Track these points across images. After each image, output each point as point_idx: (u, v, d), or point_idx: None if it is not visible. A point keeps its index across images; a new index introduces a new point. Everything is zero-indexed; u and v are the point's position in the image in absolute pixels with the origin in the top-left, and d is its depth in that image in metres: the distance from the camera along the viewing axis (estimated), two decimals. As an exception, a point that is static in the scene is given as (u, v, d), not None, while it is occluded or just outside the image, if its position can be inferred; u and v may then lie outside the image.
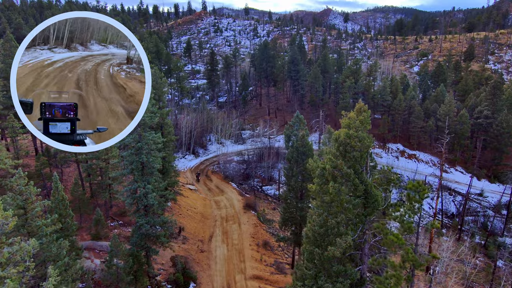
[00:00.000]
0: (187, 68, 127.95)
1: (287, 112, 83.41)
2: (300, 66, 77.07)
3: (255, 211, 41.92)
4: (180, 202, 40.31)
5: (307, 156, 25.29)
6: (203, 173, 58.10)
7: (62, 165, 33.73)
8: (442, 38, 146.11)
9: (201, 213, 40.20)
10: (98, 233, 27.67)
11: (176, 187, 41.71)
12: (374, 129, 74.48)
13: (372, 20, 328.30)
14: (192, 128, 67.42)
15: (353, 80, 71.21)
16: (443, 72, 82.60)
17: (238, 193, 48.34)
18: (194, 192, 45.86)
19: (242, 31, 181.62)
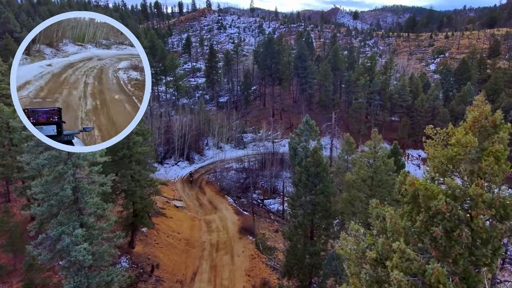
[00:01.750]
0: (188, 66, 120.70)
1: (293, 114, 75.48)
2: (308, 62, 69.04)
3: (253, 236, 34.16)
4: (161, 225, 32.72)
5: (321, 179, 17.46)
6: (196, 183, 50.53)
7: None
8: (460, 34, 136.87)
9: (187, 240, 32.53)
10: (32, 282, 20.14)
11: (155, 206, 34.21)
12: (391, 134, 66.35)
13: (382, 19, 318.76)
14: (186, 131, 59.86)
15: (367, 77, 63.07)
16: (468, 70, 73.95)
17: (234, 210, 40.61)
18: (181, 210, 38.23)
19: (247, 28, 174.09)
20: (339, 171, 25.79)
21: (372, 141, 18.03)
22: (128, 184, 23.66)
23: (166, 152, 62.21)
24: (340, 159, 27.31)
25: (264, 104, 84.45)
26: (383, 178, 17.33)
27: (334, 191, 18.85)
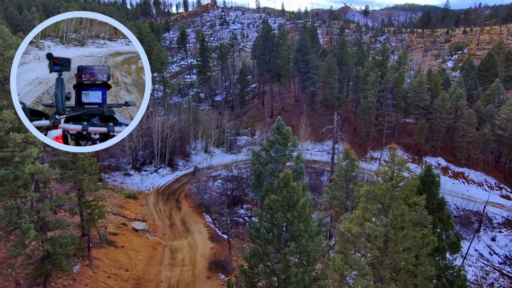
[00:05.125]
0: (184, 62, 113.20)
1: (294, 114, 67.20)
2: (310, 55, 60.51)
3: (226, 274, 26.12)
4: (103, 260, 24.86)
5: (294, 233, 9.30)
6: (174, 196, 42.74)
7: None
8: (479, 29, 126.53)
9: (137, 279, 24.60)
10: None
11: (104, 230, 26.60)
12: (406, 138, 57.58)
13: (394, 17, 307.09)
14: (167, 134, 52.08)
15: (379, 73, 54.41)
16: (494, 65, 64.60)
17: (209, 234, 32.61)
18: (141, 235, 30.32)
19: (251, 24, 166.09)
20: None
21: (388, 165, 10.02)
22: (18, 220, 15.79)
23: (147, 157, 54.50)
24: (335, 183, 18.77)
25: (262, 104, 76.31)
26: (408, 234, 9.31)
27: (317, 255, 10.86)
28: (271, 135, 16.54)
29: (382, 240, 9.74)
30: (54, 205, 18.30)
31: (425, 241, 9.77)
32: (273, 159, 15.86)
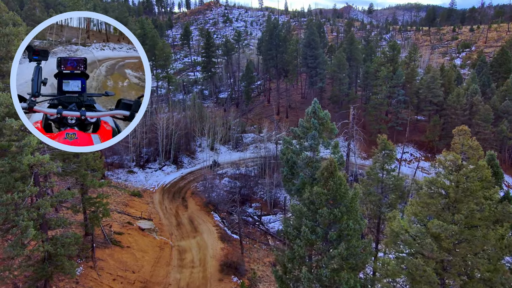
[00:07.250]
0: (188, 60, 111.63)
1: (301, 111, 65.32)
2: (319, 50, 58.76)
3: (239, 276, 24.45)
4: (108, 261, 23.21)
5: (342, 231, 7.60)
6: (180, 194, 41.10)
7: None
8: (486, 27, 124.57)
9: (144, 282, 22.95)
10: None
11: (108, 230, 25.00)
12: (418, 135, 55.83)
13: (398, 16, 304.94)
14: (172, 130, 50.45)
15: (390, 68, 52.65)
16: (508, 60, 62.78)
17: (219, 234, 30.94)
18: (147, 235, 28.66)
19: (255, 22, 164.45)
20: (369, 199, 15.69)
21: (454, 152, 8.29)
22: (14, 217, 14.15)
23: (151, 155, 52.86)
24: (369, 177, 16.84)
25: (268, 101, 74.63)
26: (489, 233, 7.64)
27: (368, 258, 9.13)
28: (305, 121, 14.61)
29: (453, 241, 8.07)
30: (55, 201, 16.66)
31: (503, 243, 8.06)
32: (307, 148, 14.00)
